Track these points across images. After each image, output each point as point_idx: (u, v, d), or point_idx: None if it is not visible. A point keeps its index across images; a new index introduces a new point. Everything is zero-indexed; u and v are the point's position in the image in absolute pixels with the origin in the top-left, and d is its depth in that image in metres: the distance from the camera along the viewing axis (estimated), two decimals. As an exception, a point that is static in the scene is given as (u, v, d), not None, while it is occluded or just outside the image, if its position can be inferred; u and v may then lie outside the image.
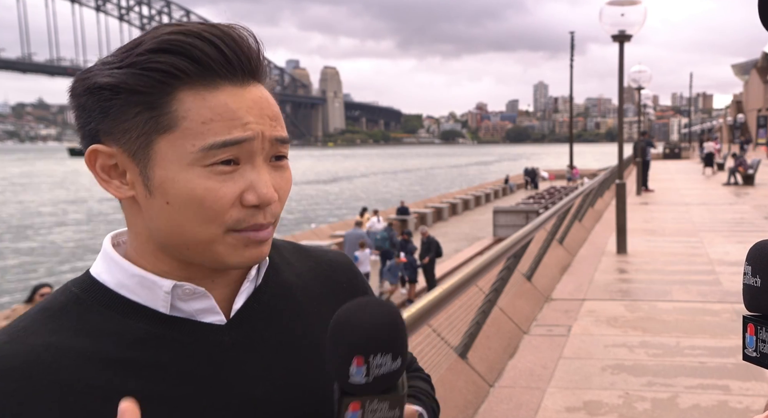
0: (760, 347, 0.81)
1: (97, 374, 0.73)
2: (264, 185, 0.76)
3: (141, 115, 0.74)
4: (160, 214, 0.76)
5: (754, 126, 63.13)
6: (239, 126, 0.75)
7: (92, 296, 0.79)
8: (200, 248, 0.77)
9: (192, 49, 0.74)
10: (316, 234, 19.02)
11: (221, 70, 0.75)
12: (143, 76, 0.74)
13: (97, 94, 0.75)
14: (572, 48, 41.14)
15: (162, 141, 0.74)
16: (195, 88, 0.75)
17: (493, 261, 4.34)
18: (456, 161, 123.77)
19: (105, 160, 0.77)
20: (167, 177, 0.75)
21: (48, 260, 23.35)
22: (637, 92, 24.45)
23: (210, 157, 0.74)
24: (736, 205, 15.86)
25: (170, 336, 0.78)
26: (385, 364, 0.72)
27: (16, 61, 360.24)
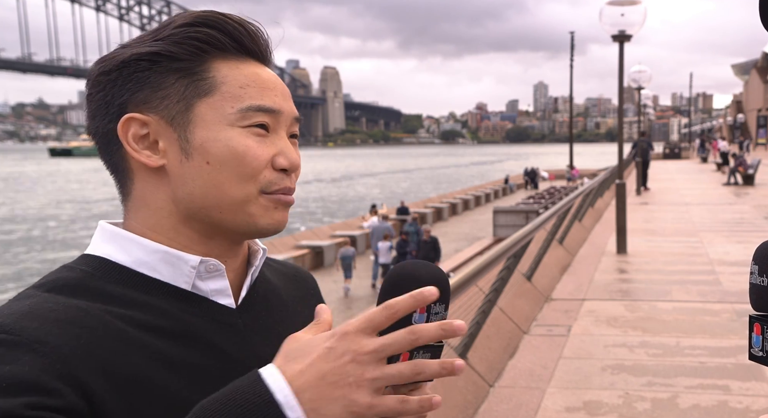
0: (766, 347, 0.81)
1: (141, 334, 0.74)
2: (292, 152, 0.84)
3: (181, 81, 0.80)
4: (198, 175, 0.79)
5: (754, 126, 63.14)
6: (271, 96, 0.82)
7: (107, 274, 0.79)
8: (234, 209, 0.81)
9: (227, 25, 0.82)
10: (316, 234, 19.00)
11: (251, 46, 0.84)
12: (183, 45, 0.80)
13: (133, 66, 0.80)
14: (572, 48, 41.14)
15: (202, 104, 0.80)
16: (228, 59, 0.82)
17: (493, 261, 4.34)
18: (457, 161, 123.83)
19: (137, 129, 0.80)
20: (208, 137, 0.79)
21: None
22: (637, 92, 24.46)
23: (247, 118, 0.80)
24: (736, 206, 15.87)
25: (192, 312, 0.80)
26: (441, 312, 0.79)
27: (16, 61, 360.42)
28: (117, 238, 0.82)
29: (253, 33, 0.84)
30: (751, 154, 36.13)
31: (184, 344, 0.78)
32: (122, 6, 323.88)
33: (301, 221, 29.03)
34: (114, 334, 0.73)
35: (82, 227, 30.94)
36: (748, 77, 76.79)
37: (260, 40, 0.85)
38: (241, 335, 0.83)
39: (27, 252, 24.38)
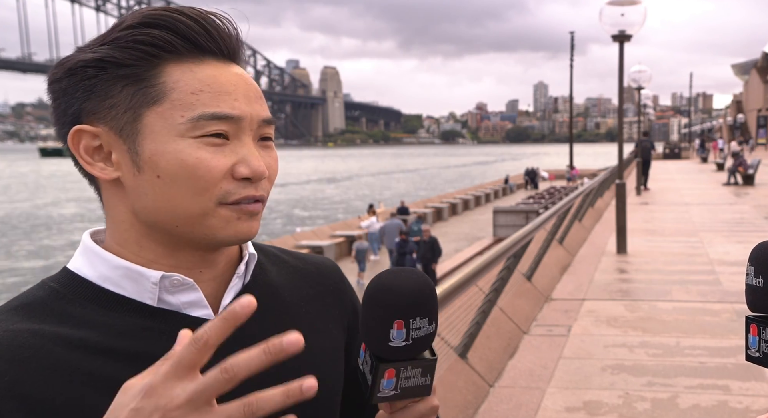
0: (763, 347, 0.81)
1: (85, 360, 0.71)
2: (255, 159, 0.76)
3: (128, 88, 0.74)
4: (150, 190, 0.75)
5: (754, 126, 63.14)
6: (228, 101, 0.75)
7: (73, 291, 0.76)
8: (191, 223, 0.76)
9: (178, 24, 0.75)
10: (316, 234, 19.01)
11: (207, 45, 0.76)
12: (129, 50, 0.74)
13: (80, 73, 0.74)
14: (572, 48, 41.14)
15: (151, 113, 0.74)
16: (182, 62, 0.75)
17: (493, 261, 4.34)
18: (457, 161, 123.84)
19: (89, 141, 0.76)
20: (157, 150, 0.74)
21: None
22: (637, 92, 24.45)
23: (199, 128, 0.74)
24: (736, 206, 15.86)
25: (158, 328, 0.76)
26: (423, 327, 0.75)
27: (16, 61, 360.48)
28: (87, 252, 0.79)
29: (213, 29, 0.77)
30: (751, 154, 36.14)
31: (138, 366, 0.71)
32: (122, 6, 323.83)
33: (299, 223, 29.02)
34: (50, 364, 0.70)
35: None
36: (748, 77, 76.79)
37: (221, 36, 0.77)
38: (217, 348, 0.81)
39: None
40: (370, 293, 0.76)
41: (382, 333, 0.74)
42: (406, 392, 0.78)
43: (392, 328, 0.74)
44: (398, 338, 0.74)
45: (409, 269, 0.80)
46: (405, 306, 0.75)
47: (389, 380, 0.75)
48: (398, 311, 0.74)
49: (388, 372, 0.75)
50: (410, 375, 0.77)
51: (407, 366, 0.76)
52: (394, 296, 0.75)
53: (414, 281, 0.76)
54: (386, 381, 0.75)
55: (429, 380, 0.78)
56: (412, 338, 0.75)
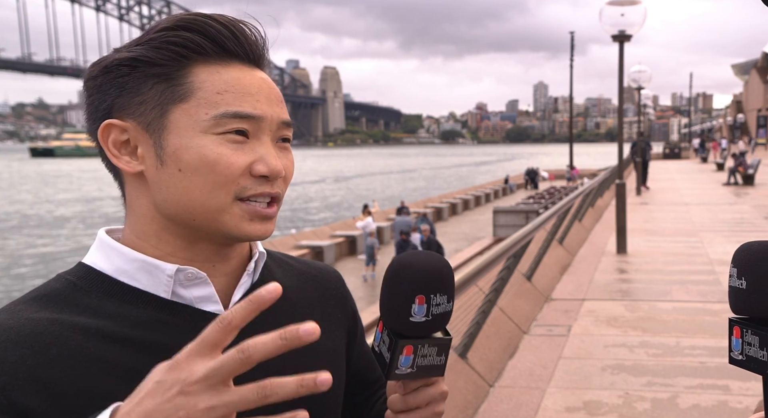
0: (746, 350, 0.80)
1: (102, 348, 0.74)
2: (273, 158, 0.80)
3: (157, 86, 0.78)
4: (171, 183, 0.78)
5: (754, 126, 63.13)
6: (250, 102, 0.79)
7: (90, 283, 0.79)
8: (208, 217, 0.79)
9: (208, 28, 0.80)
10: (316, 234, 19.00)
11: (234, 49, 0.81)
12: (161, 50, 0.78)
13: (114, 71, 0.79)
14: (572, 48, 41.13)
15: (177, 110, 0.78)
16: (210, 64, 0.79)
17: (493, 261, 4.34)
18: (458, 161, 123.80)
19: (117, 135, 0.80)
20: (181, 144, 0.78)
21: None
22: (637, 92, 24.45)
23: (222, 125, 0.78)
24: (736, 206, 15.86)
25: (172, 321, 0.79)
26: (443, 304, 0.79)
27: (16, 61, 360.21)
28: (103, 246, 0.82)
29: (241, 35, 0.81)
30: (752, 154, 36.13)
31: (153, 355, 0.74)
32: (122, 6, 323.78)
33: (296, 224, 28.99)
34: (68, 351, 0.72)
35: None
36: (748, 77, 76.78)
37: (248, 42, 0.82)
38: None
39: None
40: (393, 270, 0.80)
41: (404, 308, 0.78)
42: (421, 371, 0.81)
43: (414, 303, 0.78)
44: (419, 314, 0.78)
45: (428, 251, 0.84)
46: (427, 282, 0.79)
47: (407, 358, 0.79)
48: (420, 287, 0.78)
49: (407, 349, 0.79)
50: (426, 354, 0.80)
51: (424, 344, 0.79)
52: (417, 272, 0.79)
53: (435, 260, 0.81)
54: (404, 358, 0.79)
55: (443, 360, 0.82)
56: (432, 314, 0.78)
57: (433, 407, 0.87)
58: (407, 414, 0.86)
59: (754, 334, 0.78)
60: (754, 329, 0.78)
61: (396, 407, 0.86)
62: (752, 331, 0.79)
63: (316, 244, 16.73)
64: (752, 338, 0.79)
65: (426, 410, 0.87)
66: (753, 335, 0.79)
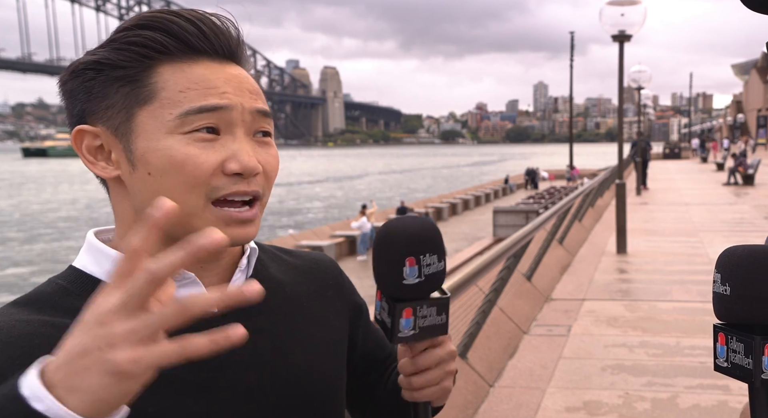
0: (731, 357, 0.78)
1: None
2: (246, 154, 0.77)
3: (122, 89, 0.76)
4: (143, 187, 0.77)
5: (754, 126, 63.16)
6: (216, 94, 0.76)
7: (80, 287, 0.78)
8: (182, 222, 0.76)
9: (170, 25, 0.77)
10: (316, 234, 19.00)
11: (199, 45, 0.77)
12: (123, 51, 0.76)
13: (81, 75, 0.78)
14: (572, 48, 41.11)
15: (142, 113, 0.76)
16: (175, 63, 0.77)
17: (493, 261, 4.33)
18: (458, 161, 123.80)
19: (90, 140, 0.79)
20: (148, 147, 0.75)
21: None
22: (637, 92, 24.46)
23: (187, 124, 0.75)
24: (736, 206, 15.86)
25: None
26: (434, 263, 0.80)
27: (16, 61, 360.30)
28: (91, 249, 0.82)
29: (209, 30, 0.78)
30: (752, 154, 36.14)
31: None
32: (122, 6, 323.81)
33: (297, 224, 28.97)
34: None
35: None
36: (748, 77, 76.81)
37: (217, 37, 0.79)
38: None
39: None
40: (380, 238, 0.81)
41: (396, 273, 0.79)
42: (424, 332, 0.82)
43: (405, 266, 0.79)
44: (411, 275, 0.79)
45: (411, 215, 0.86)
46: (414, 243, 0.80)
47: (407, 320, 0.80)
48: (408, 249, 0.80)
49: (406, 311, 0.80)
50: (426, 314, 0.81)
51: (422, 305, 0.80)
52: (404, 235, 0.80)
53: (418, 222, 0.82)
54: (405, 321, 0.80)
55: (445, 319, 0.83)
56: (425, 275, 0.80)
57: (444, 367, 0.88)
58: (419, 376, 0.87)
59: (739, 341, 0.75)
60: (739, 335, 0.76)
61: (407, 371, 0.87)
62: (737, 338, 0.76)
63: (316, 244, 16.74)
64: (737, 345, 0.76)
65: (437, 370, 0.88)
66: (738, 342, 0.76)
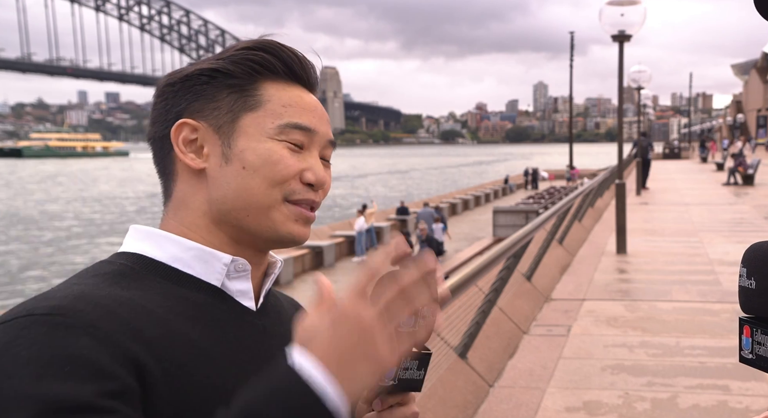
0: (756, 349, 0.80)
1: (180, 323, 0.80)
2: (321, 170, 0.91)
3: (232, 95, 0.89)
4: (233, 179, 0.87)
5: (753, 126, 63.17)
6: (309, 117, 0.91)
7: (146, 268, 0.85)
8: (259, 213, 0.87)
9: (281, 52, 0.92)
10: (316, 234, 18.97)
11: (299, 73, 0.93)
12: (239, 64, 0.90)
13: (194, 80, 0.90)
14: (572, 48, 41.12)
15: (247, 117, 0.89)
16: (278, 82, 0.91)
17: (493, 261, 4.33)
18: (458, 161, 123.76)
19: (188, 133, 0.89)
20: (248, 146, 0.87)
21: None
22: (637, 92, 24.42)
23: (284, 134, 0.88)
24: (735, 206, 15.87)
25: (222, 308, 0.86)
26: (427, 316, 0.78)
27: (16, 61, 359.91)
28: (152, 236, 0.89)
29: (304, 61, 0.93)
30: (752, 153, 36.13)
31: (218, 336, 0.83)
32: (122, 6, 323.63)
33: None
34: (158, 321, 0.78)
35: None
36: (748, 77, 76.80)
37: (308, 69, 0.94)
38: (261, 336, 0.89)
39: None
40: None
41: None
42: (402, 384, 0.82)
43: None
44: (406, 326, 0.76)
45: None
46: None
47: (390, 370, 0.77)
48: None
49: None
50: (408, 367, 0.81)
51: (406, 357, 0.77)
52: None
53: None
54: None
55: (422, 375, 0.83)
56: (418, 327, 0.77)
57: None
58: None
59: (765, 333, 0.78)
60: (765, 328, 0.78)
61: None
62: (762, 330, 0.79)
63: (316, 244, 16.73)
64: (762, 338, 0.79)
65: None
66: (763, 334, 0.79)
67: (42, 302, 0.74)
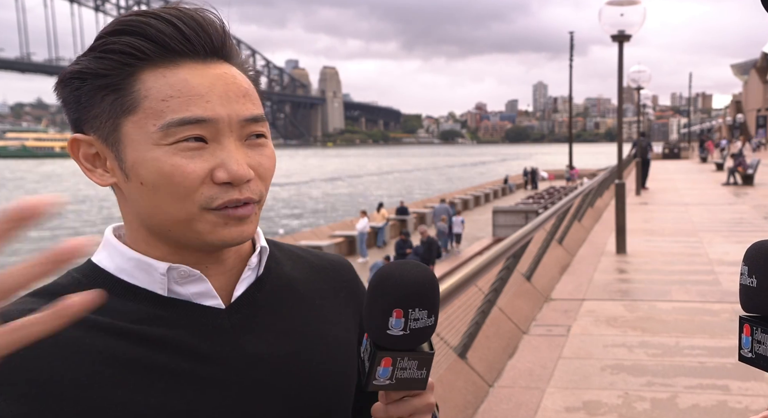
0: (755, 348, 0.80)
1: (98, 339, 0.75)
2: (235, 162, 0.75)
3: (107, 98, 0.75)
4: (138, 196, 0.77)
5: (753, 126, 63.21)
6: (200, 103, 0.74)
7: (92, 280, 0.80)
8: (181, 228, 0.77)
9: (147, 28, 0.74)
10: (315, 234, 19.00)
11: (179, 47, 0.75)
12: (103, 59, 0.74)
13: (69, 85, 0.76)
14: (571, 48, 41.14)
15: (128, 123, 0.75)
16: (156, 68, 0.74)
17: (493, 261, 4.33)
18: (458, 161, 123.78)
19: (86, 148, 0.78)
20: (137, 158, 0.75)
21: None
22: (637, 92, 24.43)
23: (171, 135, 0.73)
24: (735, 205, 15.86)
25: (169, 316, 0.79)
26: (422, 319, 0.77)
27: (15, 61, 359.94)
28: (107, 245, 0.83)
29: (189, 29, 0.75)
30: (752, 153, 36.14)
31: (148, 346, 0.76)
32: (121, 6, 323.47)
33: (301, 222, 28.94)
34: (64, 342, 0.72)
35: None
36: (748, 77, 76.85)
37: (200, 35, 0.76)
38: (227, 335, 0.81)
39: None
40: (374, 281, 0.78)
41: (382, 321, 0.76)
42: (401, 383, 0.79)
43: (391, 316, 0.76)
44: (396, 327, 0.76)
45: (415, 261, 0.82)
46: (405, 295, 0.76)
47: (385, 369, 0.77)
48: (398, 300, 0.76)
49: (385, 360, 0.77)
50: (406, 366, 0.78)
51: (404, 357, 0.77)
52: (395, 285, 0.76)
53: (417, 273, 0.78)
54: (382, 369, 0.77)
55: (425, 374, 0.80)
56: (410, 329, 0.76)
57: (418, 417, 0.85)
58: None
59: (765, 332, 0.79)
60: (765, 327, 0.79)
61: (378, 416, 0.85)
62: (762, 329, 0.79)
63: (315, 244, 16.73)
64: (762, 336, 0.79)
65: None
66: (763, 333, 0.79)
67: None
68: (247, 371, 0.81)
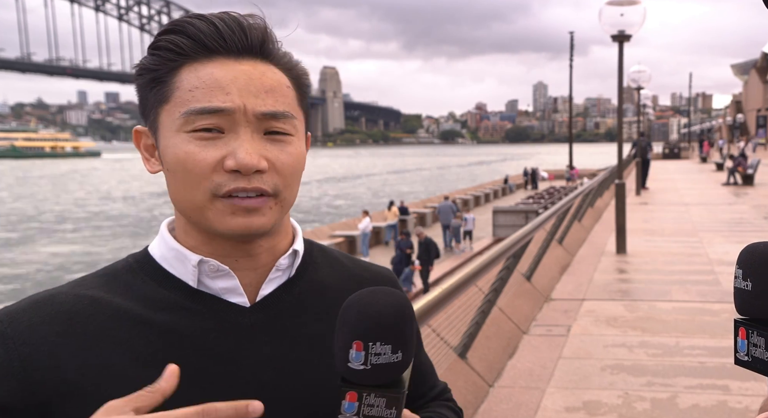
0: (751, 351, 0.80)
1: (125, 330, 0.80)
2: (244, 151, 0.78)
3: (153, 90, 0.82)
4: (168, 182, 0.83)
5: (753, 126, 63.21)
6: (220, 95, 0.78)
7: (141, 266, 0.86)
8: (197, 215, 0.81)
9: (189, 28, 0.80)
10: (316, 234, 18.98)
11: (213, 44, 0.80)
12: (153, 56, 0.82)
13: (138, 79, 0.84)
14: (572, 48, 41.13)
15: (163, 112, 0.81)
16: (194, 63, 0.80)
17: (493, 261, 4.33)
18: (458, 161, 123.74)
19: (145, 139, 0.86)
20: (165, 144, 0.81)
21: None
22: (637, 92, 24.42)
23: (191, 123, 0.78)
24: (735, 205, 15.86)
25: (195, 309, 0.83)
26: (384, 354, 0.71)
27: (15, 61, 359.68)
28: (159, 234, 0.89)
29: (225, 28, 0.80)
30: (752, 154, 36.13)
31: (169, 341, 0.80)
32: (121, 6, 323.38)
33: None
34: (95, 330, 0.78)
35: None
36: (748, 77, 76.84)
37: (234, 34, 0.80)
38: (244, 333, 0.83)
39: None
40: (341, 309, 0.75)
41: (343, 352, 0.72)
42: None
43: (351, 348, 0.71)
44: (356, 360, 0.71)
45: (389, 290, 0.76)
46: (365, 328, 0.71)
47: (351, 404, 0.72)
48: (358, 331, 0.71)
49: (350, 395, 0.72)
50: (373, 404, 0.72)
51: (370, 394, 0.72)
52: (356, 316, 0.72)
53: (384, 304, 0.73)
54: (348, 404, 0.72)
55: (394, 414, 0.73)
56: (371, 363, 0.71)
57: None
58: None
59: (760, 335, 0.78)
60: (760, 330, 0.78)
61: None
62: (758, 332, 0.78)
63: (316, 244, 16.72)
64: (758, 340, 0.78)
65: None
66: (759, 336, 0.78)
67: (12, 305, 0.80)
68: (257, 372, 0.82)
